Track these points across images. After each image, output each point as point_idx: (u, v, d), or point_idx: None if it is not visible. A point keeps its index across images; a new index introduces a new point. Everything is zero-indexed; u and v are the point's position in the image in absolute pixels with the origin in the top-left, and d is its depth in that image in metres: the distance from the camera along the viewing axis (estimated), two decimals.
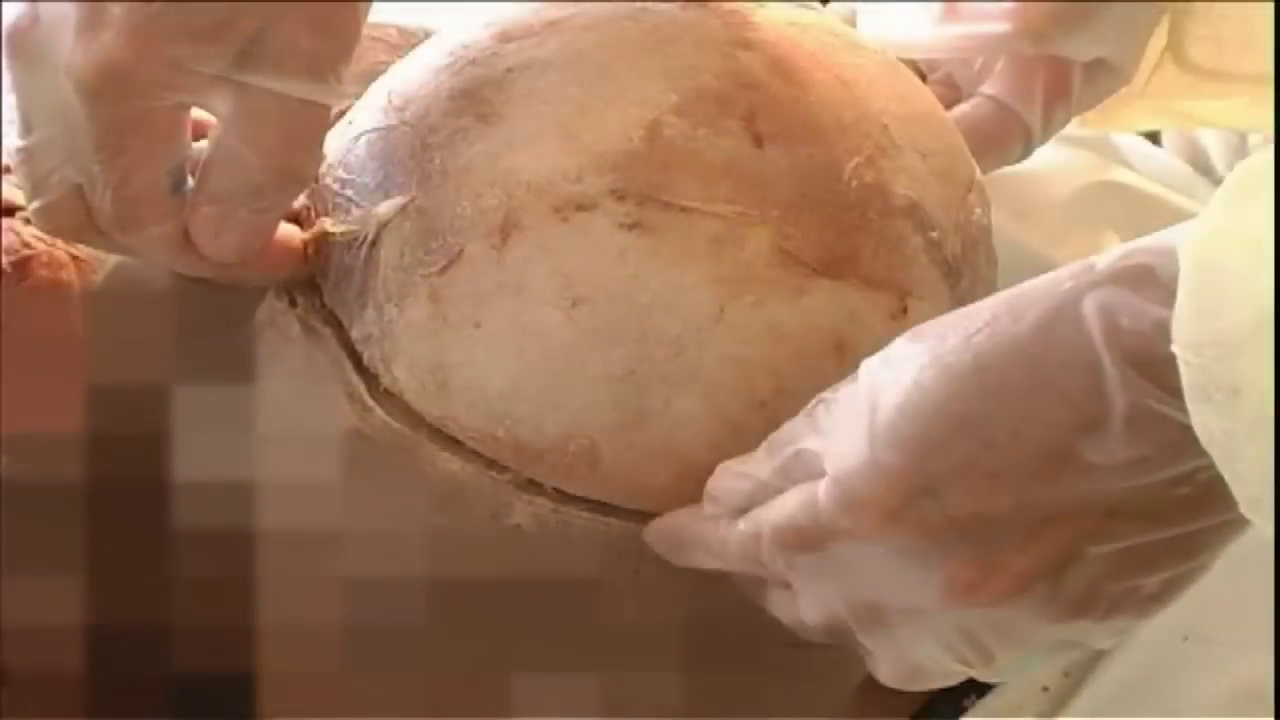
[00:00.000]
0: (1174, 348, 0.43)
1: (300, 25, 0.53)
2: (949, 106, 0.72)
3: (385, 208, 0.58)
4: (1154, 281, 0.45)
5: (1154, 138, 0.90)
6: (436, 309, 0.56)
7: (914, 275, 0.59)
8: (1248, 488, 0.43)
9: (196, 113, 0.56)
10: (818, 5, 0.70)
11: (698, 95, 0.58)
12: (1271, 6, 0.70)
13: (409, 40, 0.66)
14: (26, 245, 0.61)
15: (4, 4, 0.54)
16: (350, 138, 0.60)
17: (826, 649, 0.55)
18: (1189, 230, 0.44)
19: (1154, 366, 0.44)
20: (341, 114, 0.62)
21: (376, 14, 0.57)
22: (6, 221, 0.61)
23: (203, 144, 0.57)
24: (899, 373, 0.49)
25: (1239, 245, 0.42)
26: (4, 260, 0.60)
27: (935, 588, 0.49)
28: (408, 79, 0.60)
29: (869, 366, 0.51)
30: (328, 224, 0.59)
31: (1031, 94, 0.71)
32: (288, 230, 0.60)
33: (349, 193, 0.59)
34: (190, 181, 0.56)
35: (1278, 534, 0.43)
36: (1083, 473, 0.47)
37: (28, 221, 0.59)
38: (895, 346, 0.51)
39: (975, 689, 0.65)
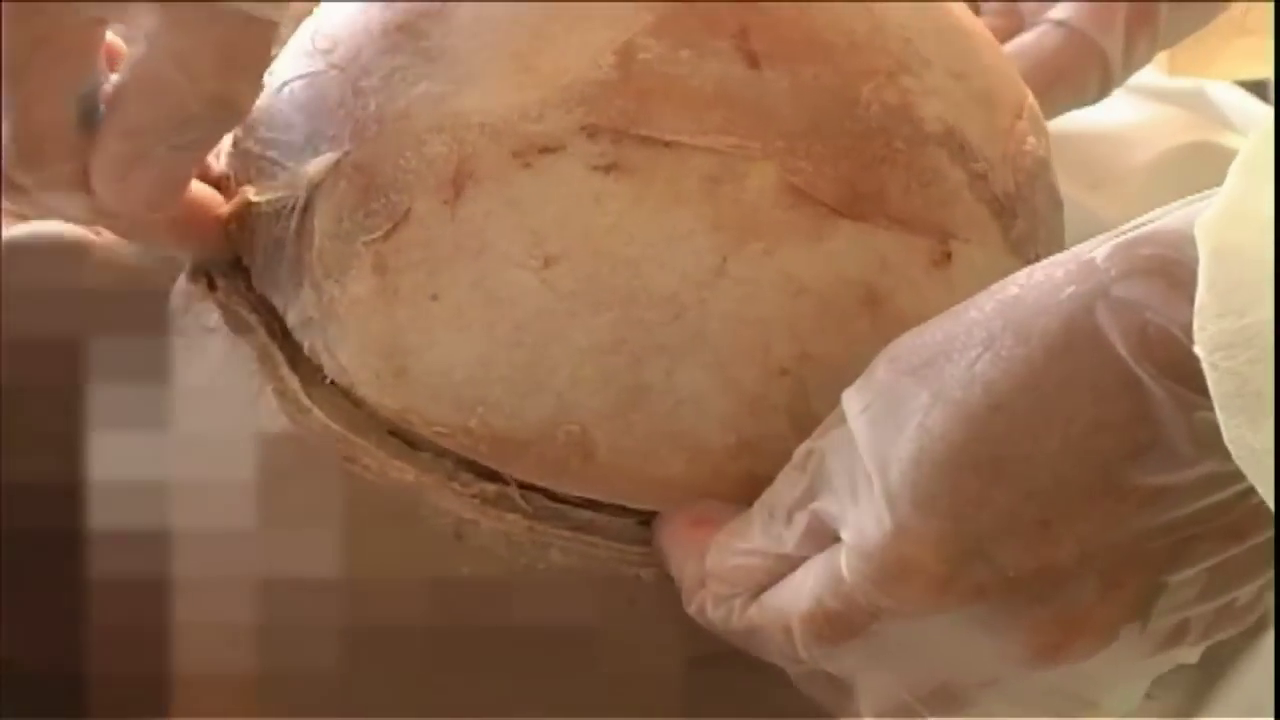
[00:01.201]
0: (1197, 349, 0.39)
1: None
2: (1009, 39, 0.65)
3: (315, 166, 0.51)
4: (1174, 276, 0.41)
5: (1261, 91, 0.81)
6: (384, 281, 0.50)
7: (956, 214, 0.52)
8: None
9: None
10: None
11: (676, 12, 0.52)
12: (1271, 7, 0.66)
13: None
14: None
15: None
16: (272, 90, 0.54)
17: None
18: (1205, 211, 0.40)
19: (1199, 377, 0.39)
20: None
21: None
22: None
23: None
24: (897, 415, 0.44)
25: (1262, 227, 0.38)
26: None
27: (1014, 657, 0.45)
28: (334, 17, 0.54)
29: (852, 404, 0.46)
30: (251, 193, 0.53)
31: (1111, 18, 0.64)
32: (209, 194, 0.53)
33: (273, 154, 0.53)
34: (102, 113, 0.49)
35: (1278, 536, 0.41)
36: (1146, 502, 0.42)
37: None
38: (877, 376, 0.46)
39: None
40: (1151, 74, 0.69)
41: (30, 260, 0.57)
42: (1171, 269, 0.41)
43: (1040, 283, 0.43)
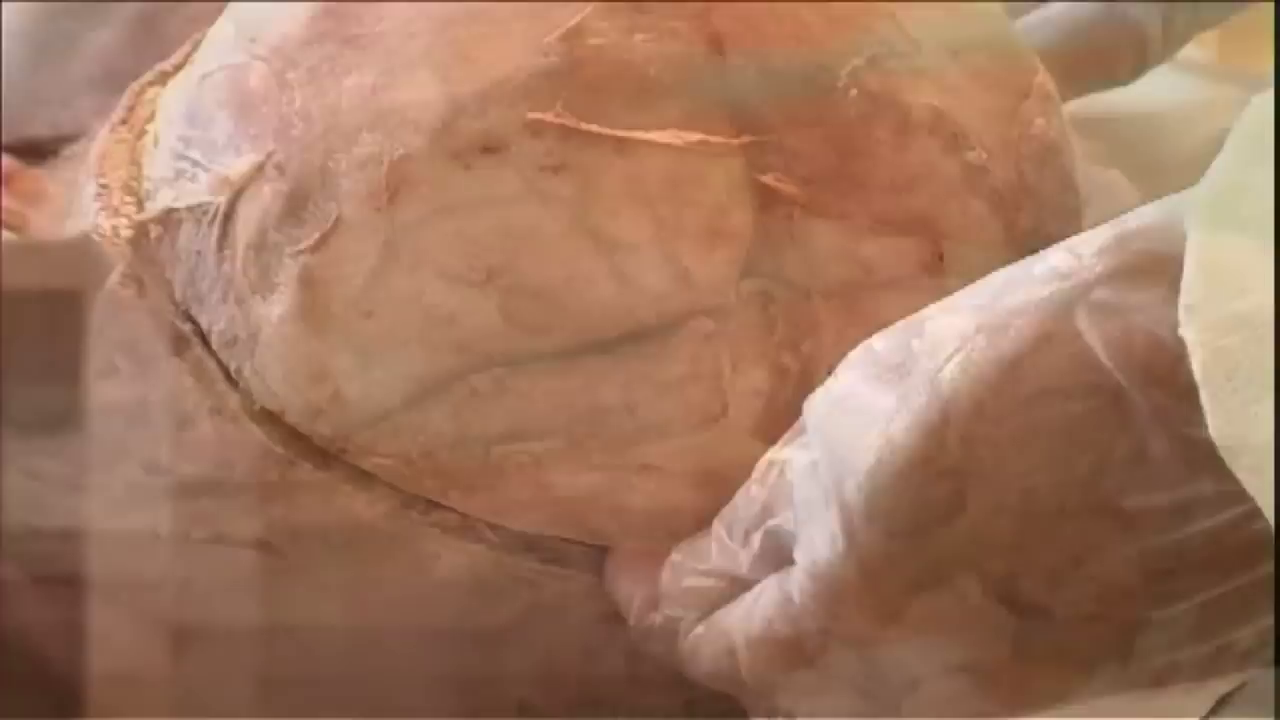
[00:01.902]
0: (1182, 331, 0.36)
1: None
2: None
3: (236, 169, 0.48)
4: (1168, 275, 0.38)
5: None
6: (313, 297, 0.47)
7: (950, 211, 0.49)
8: None
9: None
10: None
11: None
12: (1271, 6, 0.63)
13: None
14: None
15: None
16: (193, 82, 0.51)
17: None
18: (1200, 186, 0.38)
19: (1191, 388, 0.37)
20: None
21: None
22: None
23: None
24: (859, 423, 0.42)
25: (1261, 199, 0.36)
26: None
27: (977, 696, 0.42)
28: (259, 2, 0.51)
29: (813, 411, 0.44)
30: (169, 198, 0.50)
31: None
32: None
33: (195, 154, 0.50)
34: None
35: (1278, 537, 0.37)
36: (1127, 526, 0.40)
37: None
38: (841, 380, 0.43)
39: None
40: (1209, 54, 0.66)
41: None
42: (1166, 266, 0.38)
43: (1020, 279, 0.40)
